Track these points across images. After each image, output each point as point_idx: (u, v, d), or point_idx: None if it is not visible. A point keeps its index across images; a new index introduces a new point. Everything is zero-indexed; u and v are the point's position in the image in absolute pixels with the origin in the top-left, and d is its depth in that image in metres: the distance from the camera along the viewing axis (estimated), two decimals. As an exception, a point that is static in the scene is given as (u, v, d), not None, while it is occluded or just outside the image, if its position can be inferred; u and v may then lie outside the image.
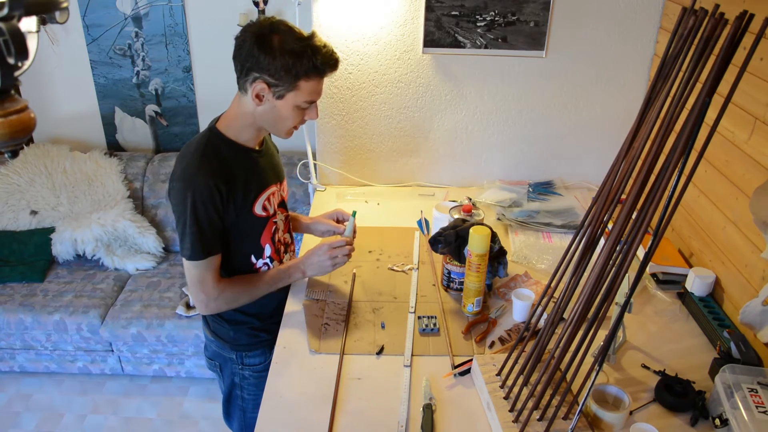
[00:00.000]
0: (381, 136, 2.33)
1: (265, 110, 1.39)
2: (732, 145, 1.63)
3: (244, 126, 1.44)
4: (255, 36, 1.31)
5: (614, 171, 1.17)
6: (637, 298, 1.71)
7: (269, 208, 1.53)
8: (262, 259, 1.56)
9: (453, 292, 1.70)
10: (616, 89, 2.21)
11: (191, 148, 1.41)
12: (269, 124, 1.44)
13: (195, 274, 1.43)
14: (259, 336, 1.62)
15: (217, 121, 1.47)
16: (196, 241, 1.39)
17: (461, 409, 1.32)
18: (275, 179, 1.57)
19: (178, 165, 1.41)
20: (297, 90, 1.36)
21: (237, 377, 1.66)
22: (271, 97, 1.36)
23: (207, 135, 1.43)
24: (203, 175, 1.36)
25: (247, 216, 1.48)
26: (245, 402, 1.69)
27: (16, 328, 2.58)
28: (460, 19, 2.08)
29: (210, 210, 1.38)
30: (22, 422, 2.55)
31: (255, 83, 1.34)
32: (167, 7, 2.84)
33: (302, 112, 1.42)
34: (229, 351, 1.63)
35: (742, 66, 0.91)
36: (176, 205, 1.40)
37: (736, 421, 1.18)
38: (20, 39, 0.69)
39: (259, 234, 1.53)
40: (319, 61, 1.33)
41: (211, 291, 1.45)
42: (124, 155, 3.05)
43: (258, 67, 1.32)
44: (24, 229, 2.88)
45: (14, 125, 0.76)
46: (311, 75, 1.34)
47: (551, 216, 2.11)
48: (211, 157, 1.39)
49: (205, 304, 1.47)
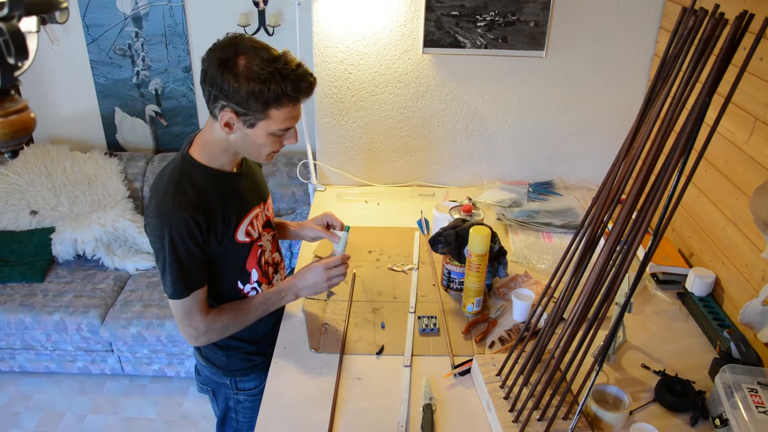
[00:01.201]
0: (381, 136, 2.33)
1: (237, 138, 1.27)
2: (732, 145, 1.63)
3: (218, 151, 1.33)
4: (218, 61, 1.18)
5: (614, 171, 1.17)
6: (637, 298, 1.71)
7: (253, 232, 1.43)
8: (250, 284, 1.46)
9: (453, 292, 1.70)
10: (616, 89, 2.21)
11: (164, 179, 1.30)
12: (244, 151, 1.33)
13: (180, 310, 1.35)
14: (254, 360, 1.54)
15: (189, 145, 1.35)
16: (178, 278, 1.29)
17: (461, 409, 1.32)
18: (258, 200, 1.46)
19: (152, 199, 1.30)
20: (269, 118, 1.23)
21: (231, 401, 1.59)
22: (241, 125, 1.24)
23: (180, 163, 1.31)
24: (178, 209, 1.25)
25: (230, 244, 1.38)
26: (240, 424, 1.62)
27: (16, 328, 2.58)
28: (460, 19, 2.08)
29: (189, 244, 1.28)
30: (22, 422, 2.55)
31: (223, 112, 1.22)
32: (167, 7, 2.84)
33: (279, 139, 1.29)
34: (222, 377, 1.55)
35: (742, 66, 0.91)
36: (153, 242, 1.30)
37: (736, 421, 1.18)
38: (20, 39, 0.69)
39: (244, 260, 1.43)
40: (289, 88, 1.19)
41: (199, 324, 1.36)
42: (124, 155, 3.05)
43: (224, 96, 1.20)
44: (24, 229, 2.88)
45: (14, 125, 0.76)
46: (282, 102, 1.21)
47: (551, 216, 2.11)
48: (185, 187, 1.28)
49: (194, 337, 1.39)
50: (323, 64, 2.18)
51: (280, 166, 2.93)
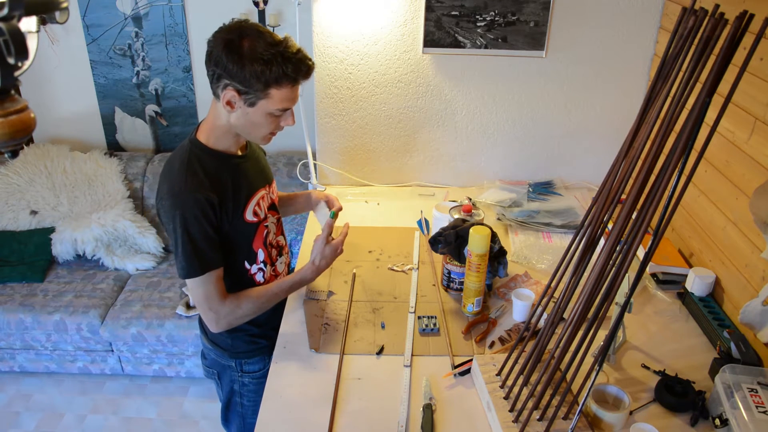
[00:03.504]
0: (381, 136, 2.33)
1: (237, 117, 1.35)
2: (732, 145, 1.63)
3: (222, 134, 1.41)
4: (224, 42, 1.27)
5: (614, 171, 1.17)
6: (637, 298, 1.71)
7: (260, 212, 1.50)
8: (256, 264, 1.52)
9: (453, 292, 1.70)
10: (616, 89, 2.21)
11: (175, 164, 1.37)
12: (244, 131, 1.40)
13: (199, 292, 1.39)
14: (258, 342, 1.60)
15: (196, 131, 1.44)
16: (193, 257, 1.34)
17: (461, 409, 1.32)
18: (263, 182, 1.54)
19: (164, 183, 1.37)
20: (268, 98, 1.31)
21: (236, 384, 1.64)
22: (242, 104, 1.32)
23: (188, 148, 1.40)
24: (191, 190, 1.33)
25: (239, 223, 1.44)
26: (245, 408, 1.67)
27: (16, 328, 2.58)
28: (460, 19, 2.08)
29: (203, 223, 1.34)
30: (22, 422, 2.55)
31: (225, 90, 1.30)
32: (167, 7, 2.84)
33: (277, 119, 1.38)
34: (228, 359, 1.60)
35: (742, 66, 0.91)
36: (167, 224, 1.36)
37: (736, 421, 1.18)
38: (20, 39, 0.69)
39: (251, 240, 1.49)
40: (290, 69, 1.28)
41: (219, 307, 1.41)
42: (124, 155, 3.05)
43: (227, 74, 1.28)
44: (24, 229, 2.87)
45: (14, 125, 0.76)
46: (282, 82, 1.30)
47: (551, 216, 2.11)
48: (195, 170, 1.36)
49: (215, 321, 1.43)
50: (323, 64, 2.18)
51: (280, 166, 2.92)
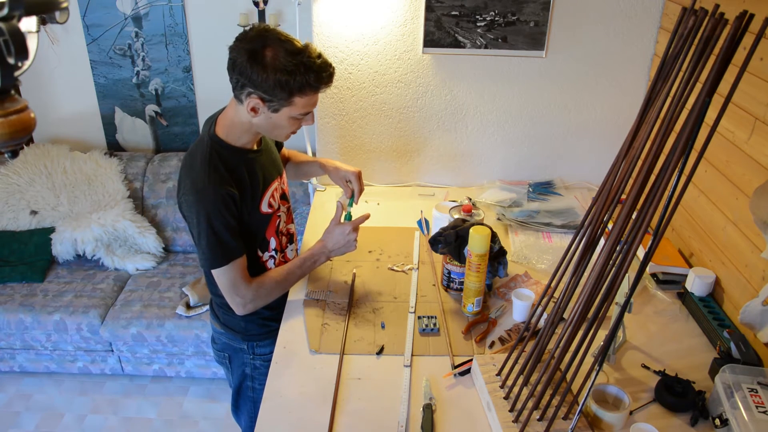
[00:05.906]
0: (381, 136, 2.32)
1: (260, 120, 1.41)
2: (732, 145, 1.63)
3: (242, 131, 1.46)
4: (248, 53, 1.31)
5: (614, 171, 1.17)
6: (637, 298, 1.71)
7: (274, 203, 1.58)
8: (268, 252, 1.60)
9: (453, 292, 1.70)
10: (616, 89, 2.21)
11: (197, 159, 1.43)
12: (266, 132, 1.47)
13: (224, 280, 1.46)
14: (270, 325, 1.64)
15: (213, 124, 1.48)
16: (217, 249, 1.42)
17: (461, 409, 1.32)
18: (276, 173, 1.61)
19: (187, 178, 1.43)
20: (292, 105, 1.37)
21: (248, 368, 1.69)
22: (266, 110, 1.38)
23: (209, 143, 1.45)
24: (214, 186, 1.39)
25: (255, 215, 1.52)
26: (256, 392, 1.71)
27: (16, 328, 2.58)
28: (460, 19, 2.08)
29: (227, 216, 1.41)
30: (22, 422, 2.55)
31: (249, 98, 1.35)
32: (167, 7, 2.84)
33: (298, 121, 1.44)
34: (240, 342, 1.66)
35: (742, 66, 0.91)
36: (190, 218, 1.43)
37: (736, 421, 1.18)
38: (20, 39, 0.69)
39: (264, 229, 1.57)
40: (312, 78, 1.33)
41: (246, 293, 1.49)
42: (124, 155, 3.05)
43: (251, 84, 1.32)
44: (24, 229, 2.88)
45: (14, 125, 0.76)
46: (305, 91, 1.35)
47: (551, 216, 2.11)
48: (217, 165, 1.42)
49: (242, 305, 1.50)
50: (323, 64, 2.18)
51: (280, 166, 2.93)
